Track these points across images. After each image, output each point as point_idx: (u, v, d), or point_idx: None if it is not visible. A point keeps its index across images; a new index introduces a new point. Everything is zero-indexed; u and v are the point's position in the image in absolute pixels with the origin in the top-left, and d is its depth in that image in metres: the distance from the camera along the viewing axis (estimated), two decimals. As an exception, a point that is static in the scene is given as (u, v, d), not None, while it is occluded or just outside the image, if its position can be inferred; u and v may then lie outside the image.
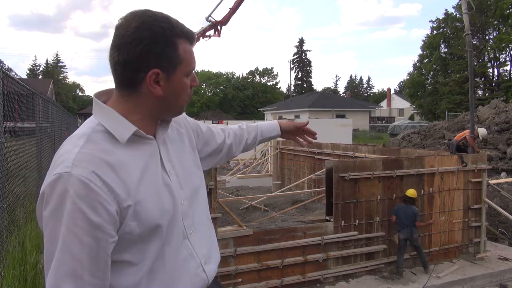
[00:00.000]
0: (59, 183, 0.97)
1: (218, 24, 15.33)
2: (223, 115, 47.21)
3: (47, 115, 9.12)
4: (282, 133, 1.77)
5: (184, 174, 1.24)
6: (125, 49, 1.05)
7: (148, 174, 1.10)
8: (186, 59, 1.12)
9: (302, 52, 73.99)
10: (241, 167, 11.03)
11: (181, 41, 1.10)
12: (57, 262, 0.96)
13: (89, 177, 0.97)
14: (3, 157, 4.10)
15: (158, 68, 1.07)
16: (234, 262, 3.89)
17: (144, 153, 1.12)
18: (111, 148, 1.06)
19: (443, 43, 37.31)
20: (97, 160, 1.01)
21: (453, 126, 18.22)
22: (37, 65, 63.16)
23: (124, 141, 1.08)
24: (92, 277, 0.98)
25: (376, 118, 49.98)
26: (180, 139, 1.32)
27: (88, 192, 0.96)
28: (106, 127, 1.08)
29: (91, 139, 1.05)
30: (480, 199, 5.12)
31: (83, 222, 0.96)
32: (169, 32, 1.08)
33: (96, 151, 1.03)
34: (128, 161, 1.07)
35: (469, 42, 6.87)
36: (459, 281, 4.36)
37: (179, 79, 1.12)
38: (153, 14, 1.08)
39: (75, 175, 0.97)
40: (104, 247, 0.99)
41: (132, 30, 1.05)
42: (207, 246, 1.28)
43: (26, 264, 3.66)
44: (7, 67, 4.51)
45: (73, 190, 0.96)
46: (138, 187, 1.06)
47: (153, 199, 1.09)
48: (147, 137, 1.13)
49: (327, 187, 4.54)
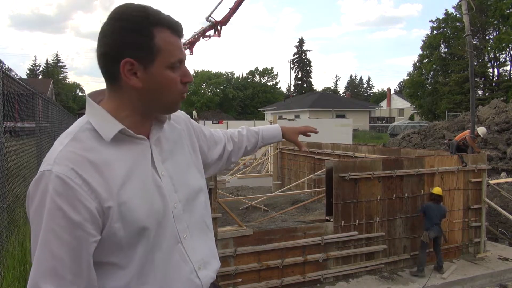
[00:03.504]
0: (42, 181, 0.96)
1: (218, 24, 15.35)
2: (223, 115, 47.22)
3: (47, 115, 9.12)
4: (284, 136, 1.75)
5: (180, 176, 1.20)
6: (102, 41, 1.05)
7: (135, 174, 1.07)
8: (167, 49, 1.07)
9: (302, 52, 73.97)
10: (241, 167, 11.02)
11: (158, 30, 1.06)
12: (37, 260, 0.95)
13: (67, 174, 0.96)
14: (3, 157, 4.09)
15: (131, 58, 1.03)
16: (234, 262, 3.89)
17: (132, 153, 1.09)
18: (96, 147, 1.03)
19: (443, 43, 37.30)
20: (78, 158, 0.99)
21: (453, 126, 18.22)
22: (37, 65, 63.23)
23: (109, 139, 1.05)
24: (75, 277, 0.96)
25: (376, 118, 49.94)
26: (180, 140, 1.27)
27: (67, 190, 0.95)
28: (93, 125, 1.06)
29: (77, 137, 1.04)
30: (480, 199, 5.12)
31: (62, 220, 0.94)
32: (144, 21, 1.04)
33: (79, 149, 1.01)
34: (113, 161, 1.04)
35: (470, 43, 6.86)
36: (459, 281, 4.36)
37: (160, 71, 1.07)
38: (130, 5, 1.07)
39: (55, 172, 0.96)
40: (86, 246, 0.97)
41: (107, 22, 1.06)
42: (203, 252, 1.24)
43: (26, 264, 3.65)
44: (7, 67, 4.51)
45: (52, 187, 0.95)
46: (122, 187, 1.03)
47: (139, 201, 1.06)
48: (137, 136, 1.10)
49: (327, 187, 4.54)
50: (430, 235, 4.40)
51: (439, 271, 4.45)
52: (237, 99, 59.94)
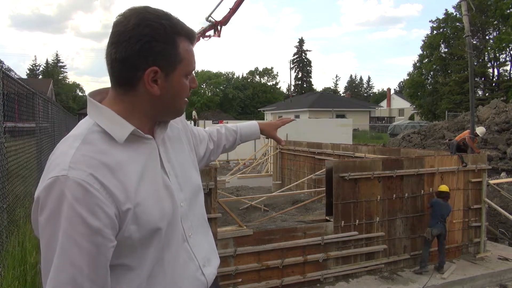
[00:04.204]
0: (56, 187, 0.92)
1: (218, 24, 15.35)
2: (223, 115, 47.21)
3: (47, 115, 9.12)
4: (262, 133, 1.77)
5: (183, 175, 1.20)
6: (124, 46, 1.01)
7: (147, 175, 1.06)
8: (187, 58, 1.08)
9: (302, 52, 73.97)
10: (241, 167, 11.03)
11: (181, 40, 1.06)
12: (56, 270, 0.91)
13: (87, 180, 0.93)
14: (3, 157, 4.09)
15: (156, 66, 1.03)
16: (234, 262, 3.89)
17: (142, 154, 1.08)
18: (108, 149, 1.01)
19: (443, 43, 37.28)
20: (94, 162, 0.97)
21: (453, 126, 18.23)
22: (37, 65, 63.24)
23: (122, 140, 1.03)
24: (93, 284, 0.94)
25: (376, 118, 49.91)
26: (179, 139, 1.28)
27: (86, 196, 0.92)
28: (103, 127, 1.04)
29: (87, 140, 1.01)
30: (480, 199, 5.12)
31: (82, 227, 0.91)
32: (169, 30, 1.04)
33: (93, 153, 0.98)
34: (126, 162, 1.03)
35: (469, 44, 6.87)
36: (459, 281, 4.36)
37: (178, 79, 1.08)
38: (154, 11, 1.05)
39: (72, 178, 0.92)
40: (104, 252, 0.95)
41: (131, 26, 1.01)
42: (205, 249, 1.26)
43: (26, 264, 3.65)
44: (7, 67, 4.51)
45: (71, 193, 0.91)
46: (137, 188, 1.02)
47: (153, 201, 1.05)
48: (146, 136, 1.09)
49: (327, 187, 4.54)
50: (433, 232, 4.43)
51: (439, 271, 4.45)
52: (237, 99, 59.96)
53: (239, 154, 13.68)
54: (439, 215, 4.44)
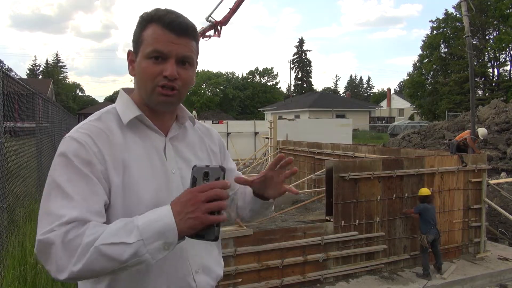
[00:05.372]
0: (62, 144, 1.10)
1: (218, 24, 15.33)
2: (223, 115, 47.16)
3: (47, 115, 9.12)
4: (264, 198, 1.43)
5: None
6: None
7: (145, 161, 1.14)
8: (147, 40, 1.14)
9: (302, 52, 73.96)
10: (241, 167, 11.03)
11: (153, 25, 1.14)
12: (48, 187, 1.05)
13: (83, 139, 1.09)
14: (3, 157, 4.10)
15: (132, 49, 1.20)
16: (234, 262, 3.89)
17: (146, 143, 1.17)
18: (115, 128, 1.15)
19: (443, 43, 37.25)
20: (97, 130, 1.12)
21: (453, 126, 18.21)
22: (37, 65, 63.28)
23: (126, 121, 1.15)
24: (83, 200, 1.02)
25: (376, 118, 49.94)
26: (199, 146, 1.31)
27: (80, 150, 1.07)
28: (118, 109, 1.19)
29: (101, 118, 1.17)
30: (480, 199, 5.12)
31: (74, 170, 1.05)
32: (146, 17, 1.16)
33: (100, 126, 1.13)
34: (127, 144, 1.14)
35: (469, 44, 6.88)
36: (459, 281, 4.36)
37: (140, 61, 1.16)
38: (160, 9, 1.17)
39: (73, 137, 1.10)
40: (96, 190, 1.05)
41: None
42: (204, 258, 1.24)
43: (26, 264, 3.64)
44: (7, 67, 4.51)
45: (69, 148, 1.08)
46: (130, 170, 1.11)
47: (144, 186, 1.12)
48: (153, 127, 1.19)
49: (327, 187, 4.54)
50: (429, 238, 4.34)
51: (438, 271, 4.45)
52: (237, 99, 59.92)
53: (239, 154, 13.68)
54: (430, 220, 4.35)
